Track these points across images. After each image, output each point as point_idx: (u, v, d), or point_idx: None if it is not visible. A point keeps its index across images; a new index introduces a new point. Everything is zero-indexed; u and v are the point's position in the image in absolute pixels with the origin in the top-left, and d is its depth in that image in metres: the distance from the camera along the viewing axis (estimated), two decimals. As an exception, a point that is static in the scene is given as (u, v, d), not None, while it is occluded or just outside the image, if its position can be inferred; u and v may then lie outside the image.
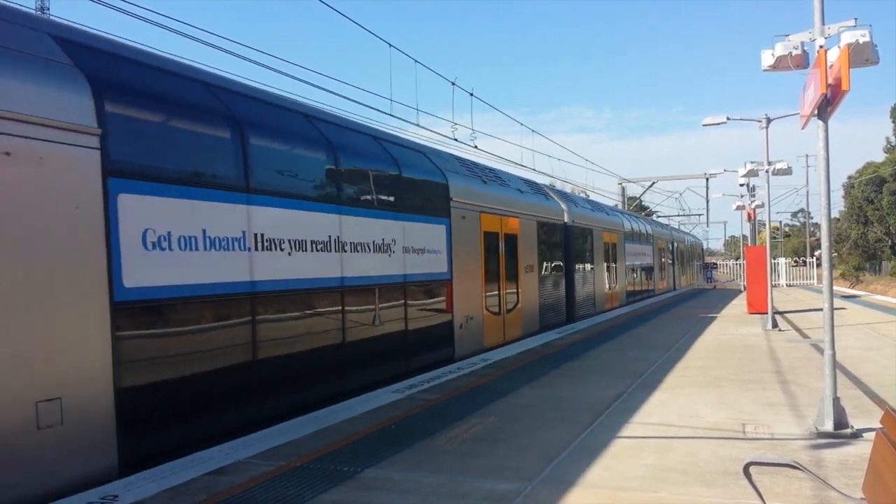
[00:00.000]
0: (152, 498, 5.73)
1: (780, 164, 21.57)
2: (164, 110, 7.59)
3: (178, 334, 7.37)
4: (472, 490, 5.86)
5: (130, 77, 7.50)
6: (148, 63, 7.98)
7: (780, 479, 5.95)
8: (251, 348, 8.30)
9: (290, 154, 9.53)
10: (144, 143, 7.18)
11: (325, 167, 10.15)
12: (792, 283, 46.58)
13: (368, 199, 11.17)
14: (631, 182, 53.57)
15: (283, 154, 9.39)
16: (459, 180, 14.53)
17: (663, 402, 9.30)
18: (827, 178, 8.01)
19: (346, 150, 10.76)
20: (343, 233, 10.27)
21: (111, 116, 6.74)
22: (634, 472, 6.28)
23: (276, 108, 9.86)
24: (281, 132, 9.51)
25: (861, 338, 15.90)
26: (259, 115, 9.21)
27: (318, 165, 10.03)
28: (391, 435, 7.72)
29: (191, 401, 7.53)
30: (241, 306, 8.19)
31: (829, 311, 7.87)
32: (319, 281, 9.66)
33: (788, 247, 76.26)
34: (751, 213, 27.22)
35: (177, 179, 7.43)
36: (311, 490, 5.89)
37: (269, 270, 8.63)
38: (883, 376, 10.88)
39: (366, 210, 11.02)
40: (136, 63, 7.80)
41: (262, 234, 8.57)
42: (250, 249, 8.37)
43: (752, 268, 24.26)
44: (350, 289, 10.33)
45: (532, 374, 11.55)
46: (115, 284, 6.61)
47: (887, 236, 52.99)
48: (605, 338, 16.72)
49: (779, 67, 8.75)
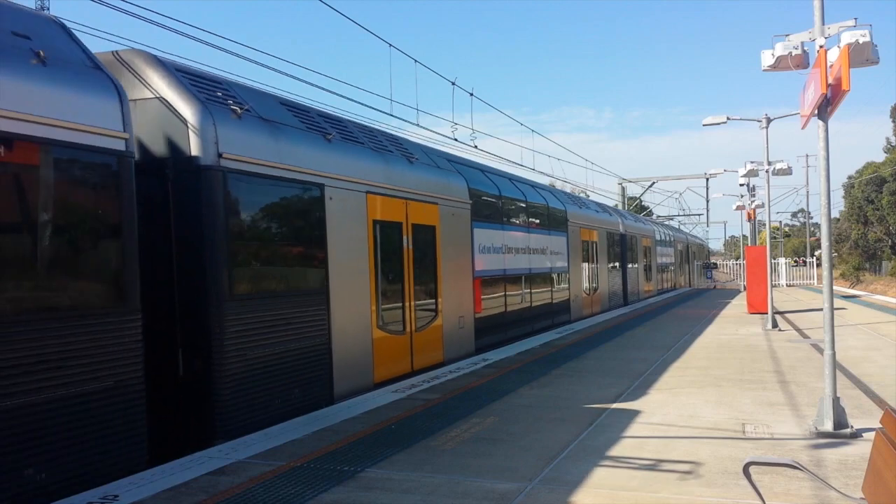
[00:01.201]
0: (152, 498, 5.73)
1: (780, 164, 21.58)
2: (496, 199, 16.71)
3: (489, 291, 15.85)
4: (472, 490, 5.86)
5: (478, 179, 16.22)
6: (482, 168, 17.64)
7: (780, 478, 5.95)
8: (503, 300, 16.67)
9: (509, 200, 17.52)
10: (480, 210, 15.48)
11: (521, 207, 18.30)
12: (792, 283, 46.57)
13: (537, 223, 19.29)
14: (631, 182, 53.57)
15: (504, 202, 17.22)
16: (572, 208, 22.85)
17: (663, 401, 9.30)
18: (827, 178, 8.01)
19: (527, 195, 19.00)
20: (530, 243, 18.49)
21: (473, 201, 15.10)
22: (635, 472, 6.28)
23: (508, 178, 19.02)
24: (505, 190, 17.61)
25: (861, 338, 15.90)
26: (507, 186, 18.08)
27: (519, 207, 18.17)
28: (391, 435, 7.72)
29: (494, 322, 15.95)
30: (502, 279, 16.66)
31: (829, 311, 7.87)
32: (523, 269, 17.90)
33: (788, 247, 76.24)
34: (751, 213, 27.21)
35: (485, 220, 15.73)
36: (311, 490, 5.89)
37: (507, 262, 16.89)
38: (883, 376, 10.88)
39: (537, 230, 19.18)
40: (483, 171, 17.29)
41: (505, 245, 16.81)
42: (503, 252, 16.67)
43: (752, 268, 24.27)
44: (531, 274, 18.42)
45: (532, 374, 11.55)
46: (474, 268, 14.90)
47: (887, 236, 52.96)
48: (605, 338, 16.72)
49: (779, 67, 8.75)
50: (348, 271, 10.23)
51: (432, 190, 13.19)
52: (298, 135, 9.64)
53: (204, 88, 8.42)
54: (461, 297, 14.23)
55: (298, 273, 9.36)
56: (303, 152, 9.48)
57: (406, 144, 13.70)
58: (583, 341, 16.09)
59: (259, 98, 9.58)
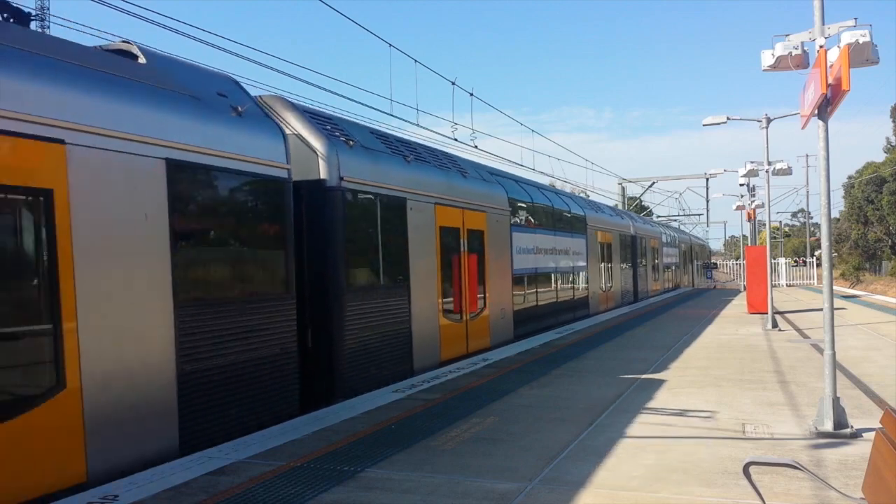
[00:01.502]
0: (152, 498, 5.73)
1: (780, 164, 21.57)
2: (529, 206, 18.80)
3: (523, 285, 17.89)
4: (472, 490, 5.87)
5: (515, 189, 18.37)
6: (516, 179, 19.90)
7: (780, 478, 5.95)
8: (535, 295, 18.83)
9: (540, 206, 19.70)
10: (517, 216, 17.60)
11: (548, 213, 20.30)
12: (792, 283, 46.57)
13: (562, 226, 21.40)
14: (631, 182, 53.54)
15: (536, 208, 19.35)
16: (590, 212, 25.05)
17: (664, 401, 9.30)
18: (827, 178, 8.01)
19: (553, 202, 21.13)
20: (556, 245, 20.64)
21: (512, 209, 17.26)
22: (635, 472, 6.28)
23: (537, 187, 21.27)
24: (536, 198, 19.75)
25: (861, 338, 15.90)
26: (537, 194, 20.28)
27: (548, 213, 20.23)
28: (391, 435, 7.72)
29: (528, 314, 18.03)
30: (535, 277, 18.79)
31: (829, 311, 7.87)
32: (550, 267, 20.14)
33: (788, 247, 76.21)
34: (751, 213, 27.22)
35: (521, 225, 17.89)
36: (311, 490, 5.89)
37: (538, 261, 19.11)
38: (883, 376, 10.88)
39: (561, 233, 21.31)
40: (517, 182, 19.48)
41: (536, 247, 18.94)
42: (535, 252, 18.79)
43: (752, 268, 24.26)
44: (556, 273, 20.65)
45: (532, 374, 11.55)
46: (513, 267, 16.96)
47: (887, 236, 52.95)
48: (605, 338, 16.72)
49: (779, 67, 8.75)
50: (422, 269, 12.39)
51: (481, 200, 15.38)
52: (387, 158, 11.85)
53: (323, 125, 10.55)
54: (503, 292, 16.35)
55: (391, 270, 11.48)
56: (392, 172, 11.66)
57: (459, 161, 16.05)
58: (583, 341, 16.09)
59: (357, 129, 11.80)
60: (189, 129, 7.48)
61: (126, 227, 6.70)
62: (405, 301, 11.69)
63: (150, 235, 6.95)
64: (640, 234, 33.19)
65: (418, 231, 12.27)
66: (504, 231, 16.62)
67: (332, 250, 9.95)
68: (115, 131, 6.64)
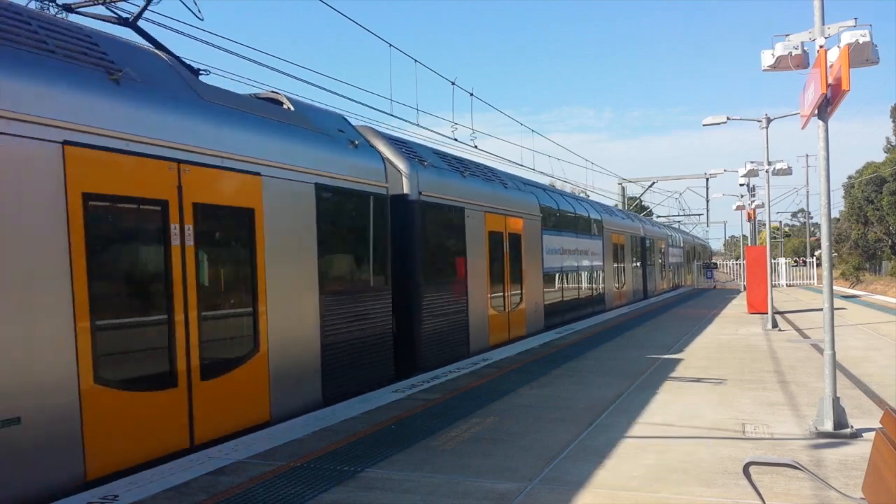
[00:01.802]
0: (152, 498, 5.73)
1: (780, 164, 21.57)
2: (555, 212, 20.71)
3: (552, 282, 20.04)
4: (472, 490, 5.87)
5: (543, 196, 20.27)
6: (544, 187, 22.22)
7: (780, 478, 5.95)
8: (561, 292, 21.02)
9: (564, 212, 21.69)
10: (548, 219, 19.62)
11: (571, 217, 22.35)
12: (792, 283, 46.56)
13: (583, 229, 23.55)
14: (631, 182, 53.52)
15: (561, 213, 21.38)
16: (606, 216, 27.23)
17: (664, 402, 9.31)
18: (827, 178, 8.01)
19: (575, 208, 23.12)
20: (578, 246, 22.76)
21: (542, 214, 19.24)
22: (635, 472, 6.28)
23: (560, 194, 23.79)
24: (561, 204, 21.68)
25: (861, 338, 15.90)
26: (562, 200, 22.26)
27: (571, 217, 22.26)
28: (391, 435, 7.72)
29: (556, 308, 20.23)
30: (560, 274, 20.87)
31: (829, 311, 7.87)
32: (573, 266, 22.25)
33: (788, 247, 76.20)
34: (751, 213, 27.21)
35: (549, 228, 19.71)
36: (311, 490, 5.89)
37: (564, 261, 21.12)
38: (883, 376, 10.88)
39: (582, 235, 23.48)
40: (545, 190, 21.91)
41: (562, 248, 20.90)
42: (561, 253, 20.78)
43: (752, 268, 24.26)
44: (578, 271, 22.81)
45: (532, 374, 11.55)
46: (543, 265, 19.07)
47: (887, 236, 52.94)
48: (605, 337, 16.72)
49: (779, 67, 8.75)
50: (476, 267, 14.64)
51: (519, 207, 17.48)
52: (449, 173, 14.10)
53: (401, 148, 12.68)
54: (536, 288, 18.56)
55: (453, 267, 13.72)
56: (453, 186, 13.84)
57: (499, 173, 18.20)
58: (583, 341, 16.09)
59: (424, 150, 14.04)
60: (327, 160, 9.85)
61: (294, 235, 9.05)
62: (464, 294, 14.00)
63: (308, 243, 9.32)
64: (650, 236, 35.48)
65: (472, 235, 14.52)
66: (536, 234, 18.72)
67: (414, 251, 12.24)
68: (289, 165, 9.01)
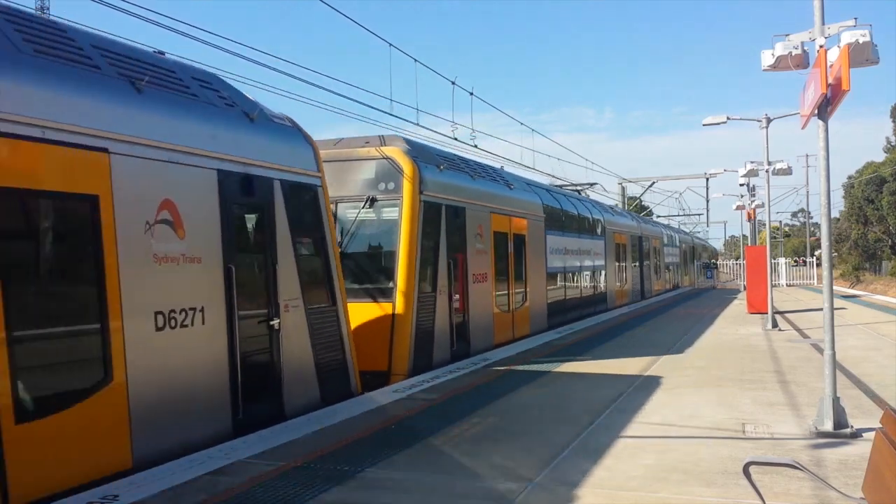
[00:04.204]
0: (152, 498, 5.72)
1: (780, 164, 21.56)
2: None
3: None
4: (472, 490, 5.86)
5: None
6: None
7: (780, 478, 5.95)
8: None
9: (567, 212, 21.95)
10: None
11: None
12: (792, 283, 46.57)
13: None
14: (631, 182, 53.51)
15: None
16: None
17: (663, 402, 9.30)
18: (827, 178, 8.00)
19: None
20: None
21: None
22: (634, 472, 6.28)
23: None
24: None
25: (861, 338, 15.90)
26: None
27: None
28: (391, 435, 7.72)
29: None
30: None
31: (829, 311, 7.87)
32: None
33: (788, 247, 76.16)
34: (751, 213, 27.21)
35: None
36: (311, 490, 5.89)
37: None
38: (883, 376, 10.88)
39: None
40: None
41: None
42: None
43: (752, 268, 24.26)
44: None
45: (532, 374, 11.55)
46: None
47: (887, 236, 52.91)
48: (605, 337, 16.72)
49: (779, 67, 8.74)
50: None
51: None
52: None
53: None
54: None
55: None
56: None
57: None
58: (583, 341, 16.09)
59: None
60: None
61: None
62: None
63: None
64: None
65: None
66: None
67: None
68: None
